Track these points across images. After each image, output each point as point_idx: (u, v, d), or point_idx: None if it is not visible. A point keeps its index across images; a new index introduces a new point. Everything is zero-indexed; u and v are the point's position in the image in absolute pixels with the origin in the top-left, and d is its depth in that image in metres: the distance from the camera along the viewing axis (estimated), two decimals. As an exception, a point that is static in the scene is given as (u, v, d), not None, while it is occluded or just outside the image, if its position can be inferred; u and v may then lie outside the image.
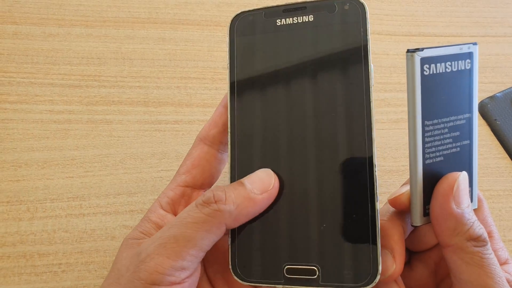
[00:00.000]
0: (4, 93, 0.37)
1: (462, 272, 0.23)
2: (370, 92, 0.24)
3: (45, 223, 0.33)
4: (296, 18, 0.26)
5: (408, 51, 0.23)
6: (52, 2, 0.41)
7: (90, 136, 0.36)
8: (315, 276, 0.24)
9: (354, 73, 0.25)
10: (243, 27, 0.27)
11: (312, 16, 0.25)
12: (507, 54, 0.46)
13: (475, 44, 0.25)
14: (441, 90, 0.24)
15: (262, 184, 0.24)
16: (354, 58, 0.25)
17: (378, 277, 0.23)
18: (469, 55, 0.25)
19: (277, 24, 0.26)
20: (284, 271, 0.24)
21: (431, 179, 0.25)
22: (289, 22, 0.26)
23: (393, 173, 0.39)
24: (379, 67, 0.43)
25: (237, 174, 0.26)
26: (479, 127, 0.42)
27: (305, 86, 0.25)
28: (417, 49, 0.23)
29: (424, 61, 0.24)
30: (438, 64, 0.24)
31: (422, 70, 0.24)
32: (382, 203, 0.27)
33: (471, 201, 0.27)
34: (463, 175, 0.25)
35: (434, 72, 0.24)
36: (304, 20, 0.25)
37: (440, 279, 0.28)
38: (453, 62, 0.25)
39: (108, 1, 0.42)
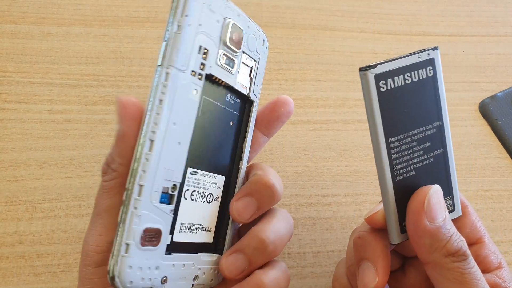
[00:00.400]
0: (2, 92, 0.37)
1: None
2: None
3: (44, 223, 0.33)
4: None
5: (360, 69, 0.22)
6: (51, 2, 0.41)
7: (89, 136, 0.36)
8: None
9: None
10: None
11: None
12: (508, 54, 0.46)
13: (435, 49, 0.24)
14: (403, 104, 0.23)
15: (122, 111, 0.23)
16: None
17: None
18: (430, 62, 0.24)
19: None
20: None
21: (405, 195, 0.24)
22: None
23: (394, 173, 0.39)
24: (379, 66, 0.43)
25: None
26: (480, 127, 0.42)
27: None
28: (370, 66, 0.22)
29: (379, 77, 0.22)
30: (396, 78, 0.23)
31: (378, 87, 0.22)
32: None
33: (454, 209, 0.26)
34: (434, 188, 0.24)
35: (392, 86, 0.23)
36: None
37: (433, 285, 0.28)
38: (412, 73, 0.23)
39: (107, 1, 0.42)
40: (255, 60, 0.28)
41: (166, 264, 0.23)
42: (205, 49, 0.25)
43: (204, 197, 0.26)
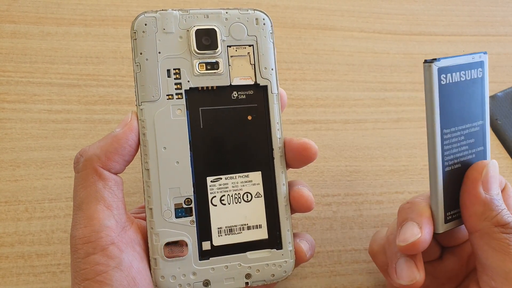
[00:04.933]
0: (2, 92, 0.37)
1: (487, 258, 0.24)
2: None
3: (44, 223, 0.33)
4: None
5: (425, 61, 0.24)
6: (51, 1, 0.41)
7: (89, 136, 0.36)
8: None
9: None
10: None
11: None
12: (508, 53, 0.46)
13: (485, 53, 0.26)
14: (457, 99, 0.25)
15: (123, 121, 0.26)
16: None
17: None
18: (481, 64, 0.26)
19: None
20: None
21: (451, 186, 0.25)
22: None
23: (394, 173, 0.39)
24: (379, 66, 0.43)
25: None
26: (480, 127, 0.42)
27: None
28: (434, 60, 0.24)
29: (441, 71, 0.24)
30: (454, 74, 0.25)
31: (440, 79, 0.24)
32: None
33: None
34: (493, 162, 0.25)
35: (450, 81, 0.25)
36: None
37: (470, 269, 0.28)
38: (467, 71, 0.25)
39: (107, 0, 0.41)
40: (250, 45, 0.27)
41: (202, 269, 0.26)
42: (175, 69, 0.26)
43: (239, 198, 0.27)
